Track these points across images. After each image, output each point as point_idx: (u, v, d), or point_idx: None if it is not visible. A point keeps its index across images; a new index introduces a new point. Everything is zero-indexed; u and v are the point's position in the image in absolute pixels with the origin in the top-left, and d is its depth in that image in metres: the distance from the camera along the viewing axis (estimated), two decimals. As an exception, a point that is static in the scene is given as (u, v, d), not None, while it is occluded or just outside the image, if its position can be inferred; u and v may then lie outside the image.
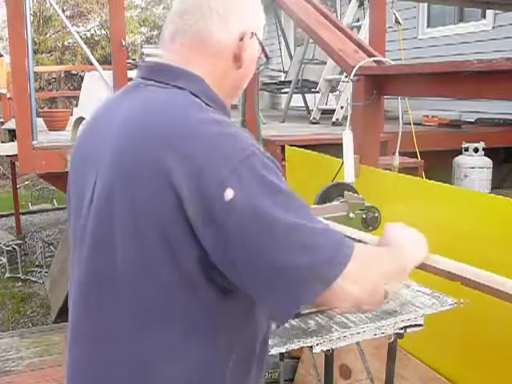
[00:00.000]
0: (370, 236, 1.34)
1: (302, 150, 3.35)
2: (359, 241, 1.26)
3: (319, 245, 0.84)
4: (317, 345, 1.40)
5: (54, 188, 7.22)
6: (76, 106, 6.74)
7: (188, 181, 0.82)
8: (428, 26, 6.90)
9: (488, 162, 4.02)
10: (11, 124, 5.56)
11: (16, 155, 3.70)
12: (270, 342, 1.34)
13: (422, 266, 1.13)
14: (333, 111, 5.38)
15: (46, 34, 16.79)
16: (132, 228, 0.88)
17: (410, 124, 3.58)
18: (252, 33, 1.03)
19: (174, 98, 0.94)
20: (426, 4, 6.63)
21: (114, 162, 0.91)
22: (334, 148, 2.78)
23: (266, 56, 1.10)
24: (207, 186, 0.82)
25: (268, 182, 0.85)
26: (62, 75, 15.79)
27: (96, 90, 4.71)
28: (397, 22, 3.90)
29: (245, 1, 1.05)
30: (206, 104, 0.95)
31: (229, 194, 0.81)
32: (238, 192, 0.81)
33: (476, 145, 4.00)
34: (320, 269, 0.83)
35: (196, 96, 0.95)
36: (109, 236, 0.91)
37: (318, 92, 5.92)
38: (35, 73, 4.22)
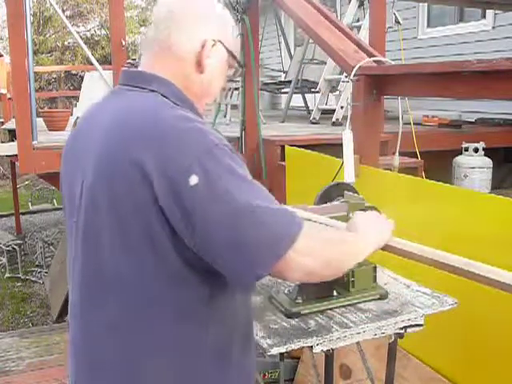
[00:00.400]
0: (339, 223, 1.42)
1: (302, 149, 3.35)
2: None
3: (274, 223, 0.97)
4: (317, 345, 1.40)
5: (53, 188, 7.22)
6: (76, 106, 6.75)
7: (159, 172, 0.94)
8: (428, 25, 6.90)
9: (488, 162, 4.01)
10: (11, 124, 5.56)
11: (16, 155, 3.70)
12: (270, 342, 1.35)
13: (386, 248, 1.28)
14: (333, 111, 5.38)
15: (46, 34, 16.77)
16: (116, 220, 0.99)
17: (410, 124, 3.58)
18: (215, 41, 1.15)
19: (147, 101, 1.08)
20: (426, 4, 6.63)
21: (97, 160, 1.03)
22: (334, 148, 2.78)
23: (238, 63, 1.24)
24: (175, 175, 0.94)
25: (229, 168, 0.97)
26: (62, 75, 15.80)
27: (96, 90, 4.72)
28: (397, 22, 3.90)
29: (208, 12, 1.17)
30: (175, 103, 1.08)
31: (193, 180, 0.93)
32: (201, 178, 0.93)
33: (476, 145, 4.00)
34: (274, 243, 0.96)
35: (166, 97, 1.08)
36: (97, 231, 1.02)
37: (317, 92, 5.92)
38: (35, 73, 4.22)
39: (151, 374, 1.02)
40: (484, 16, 6.03)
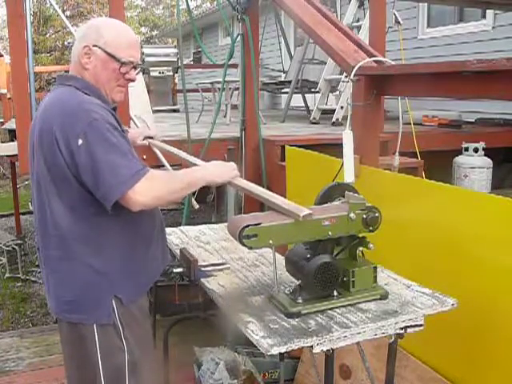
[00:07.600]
0: (199, 161, 1.96)
1: (302, 149, 3.35)
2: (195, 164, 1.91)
3: (122, 172, 1.52)
4: (317, 345, 1.40)
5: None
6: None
7: (62, 137, 1.55)
8: (428, 25, 6.90)
9: (488, 162, 4.01)
10: (11, 124, 5.57)
11: (16, 155, 3.70)
12: (270, 342, 1.36)
13: (232, 184, 1.76)
14: (333, 111, 5.38)
15: (46, 34, 16.77)
16: (43, 163, 1.61)
17: (410, 124, 3.58)
18: (89, 46, 1.66)
19: (63, 92, 1.68)
20: (426, 4, 6.63)
21: (36, 132, 1.64)
22: (334, 148, 2.78)
23: (118, 61, 1.67)
24: (70, 138, 1.54)
25: (102, 136, 1.54)
26: (62, 75, 15.77)
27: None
28: (397, 22, 3.90)
29: (89, 28, 1.71)
30: (85, 93, 1.65)
31: (80, 142, 1.53)
32: (84, 141, 1.53)
33: (476, 145, 4.00)
34: (120, 185, 1.51)
35: (78, 89, 1.66)
36: (38, 174, 1.65)
37: (318, 92, 5.92)
38: (35, 73, 4.21)
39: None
40: (484, 16, 6.03)
